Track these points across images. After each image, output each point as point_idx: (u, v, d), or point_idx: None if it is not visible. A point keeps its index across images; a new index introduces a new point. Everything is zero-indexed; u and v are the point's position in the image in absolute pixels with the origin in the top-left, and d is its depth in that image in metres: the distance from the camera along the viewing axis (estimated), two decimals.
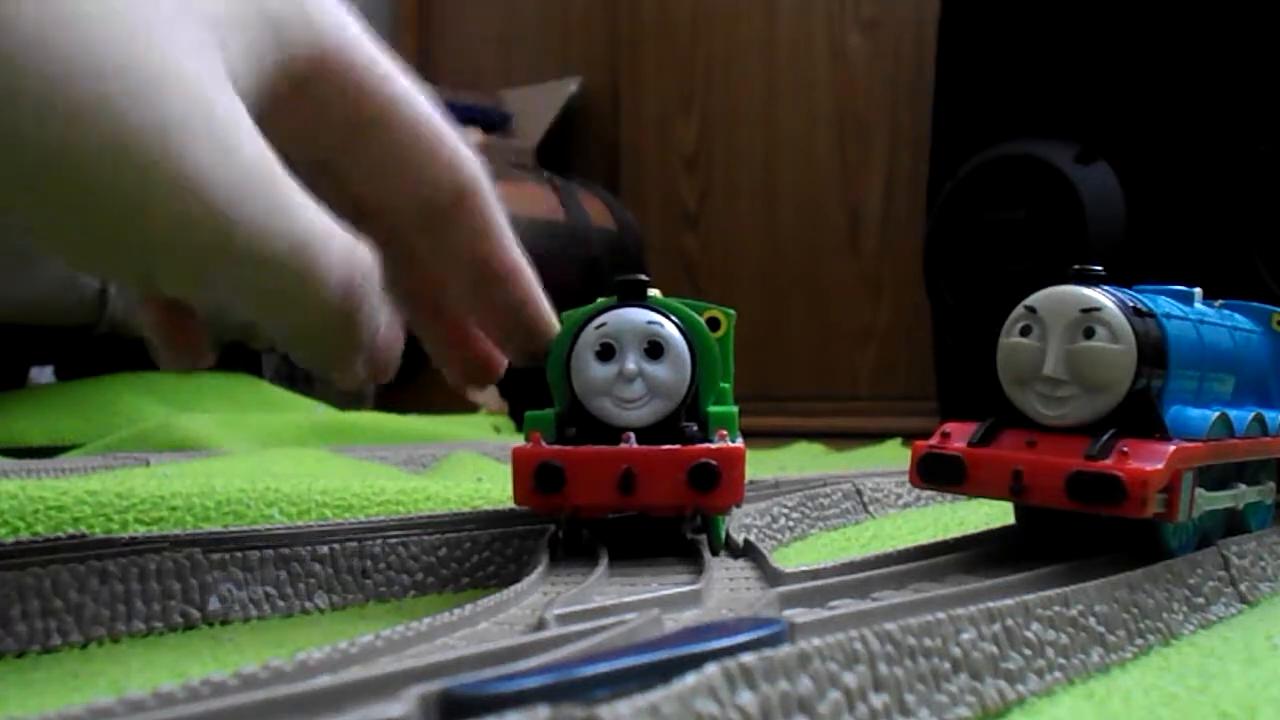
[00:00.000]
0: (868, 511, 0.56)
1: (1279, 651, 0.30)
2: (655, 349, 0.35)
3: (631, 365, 0.35)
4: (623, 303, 0.36)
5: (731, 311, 0.41)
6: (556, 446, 0.35)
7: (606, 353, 0.35)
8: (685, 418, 0.36)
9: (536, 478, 0.34)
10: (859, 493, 0.56)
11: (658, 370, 0.35)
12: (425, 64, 2.38)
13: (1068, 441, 0.33)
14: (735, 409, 0.38)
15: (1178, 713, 0.25)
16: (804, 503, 0.51)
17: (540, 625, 0.26)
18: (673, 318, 0.36)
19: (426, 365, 0.40)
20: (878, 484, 0.58)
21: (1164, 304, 0.36)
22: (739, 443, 0.35)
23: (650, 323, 0.36)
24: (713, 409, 0.37)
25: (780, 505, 0.50)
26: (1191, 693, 0.26)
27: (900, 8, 1.66)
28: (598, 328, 0.35)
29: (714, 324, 0.39)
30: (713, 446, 0.35)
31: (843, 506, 0.55)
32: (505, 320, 0.36)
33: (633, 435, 0.35)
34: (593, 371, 0.35)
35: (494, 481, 0.59)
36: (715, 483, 0.34)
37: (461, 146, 0.35)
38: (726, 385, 0.39)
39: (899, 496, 0.59)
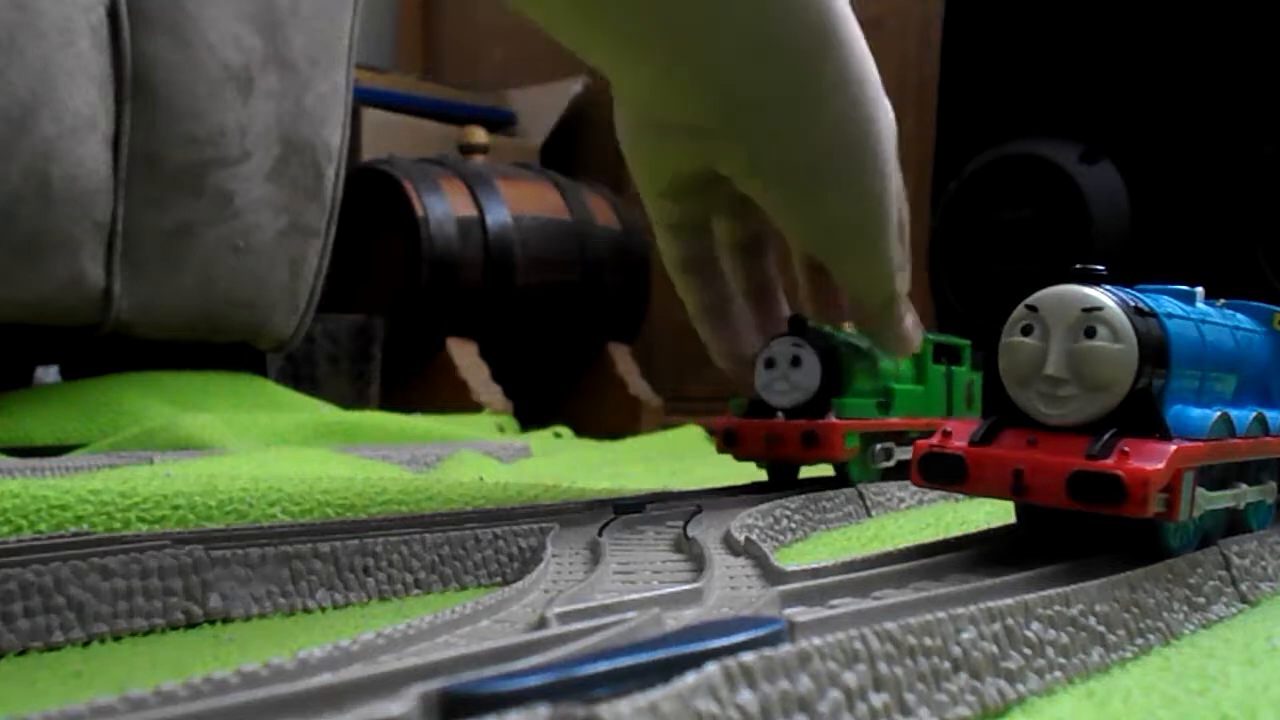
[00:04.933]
0: (870, 515, 0.56)
1: (1279, 653, 0.30)
2: (796, 361, 0.55)
3: (779, 372, 0.55)
4: (789, 333, 0.56)
5: (964, 342, 0.68)
6: (739, 419, 0.56)
7: (769, 364, 0.55)
8: (816, 403, 0.55)
9: (722, 437, 0.55)
10: (861, 497, 0.56)
11: (797, 374, 0.55)
12: (431, 64, 2.38)
13: (1069, 441, 0.33)
14: (866, 401, 0.57)
15: (1178, 715, 0.25)
16: (806, 505, 0.51)
17: (541, 623, 0.26)
18: (812, 344, 0.55)
19: (431, 365, 0.42)
20: (880, 487, 0.58)
21: (1166, 303, 0.36)
22: (840, 420, 0.54)
23: (794, 344, 0.55)
24: (844, 400, 0.55)
25: (783, 508, 0.50)
26: (1191, 695, 0.26)
27: (905, 7, 1.66)
28: (768, 349, 0.56)
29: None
30: (818, 421, 0.54)
31: (845, 510, 0.55)
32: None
33: (781, 413, 0.55)
34: (762, 374, 0.55)
35: (497, 480, 0.59)
36: (817, 443, 0.54)
37: None
38: (898, 386, 0.60)
39: (902, 500, 0.59)
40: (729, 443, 0.55)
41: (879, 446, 0.58)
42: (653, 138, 0.50)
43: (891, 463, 0.59)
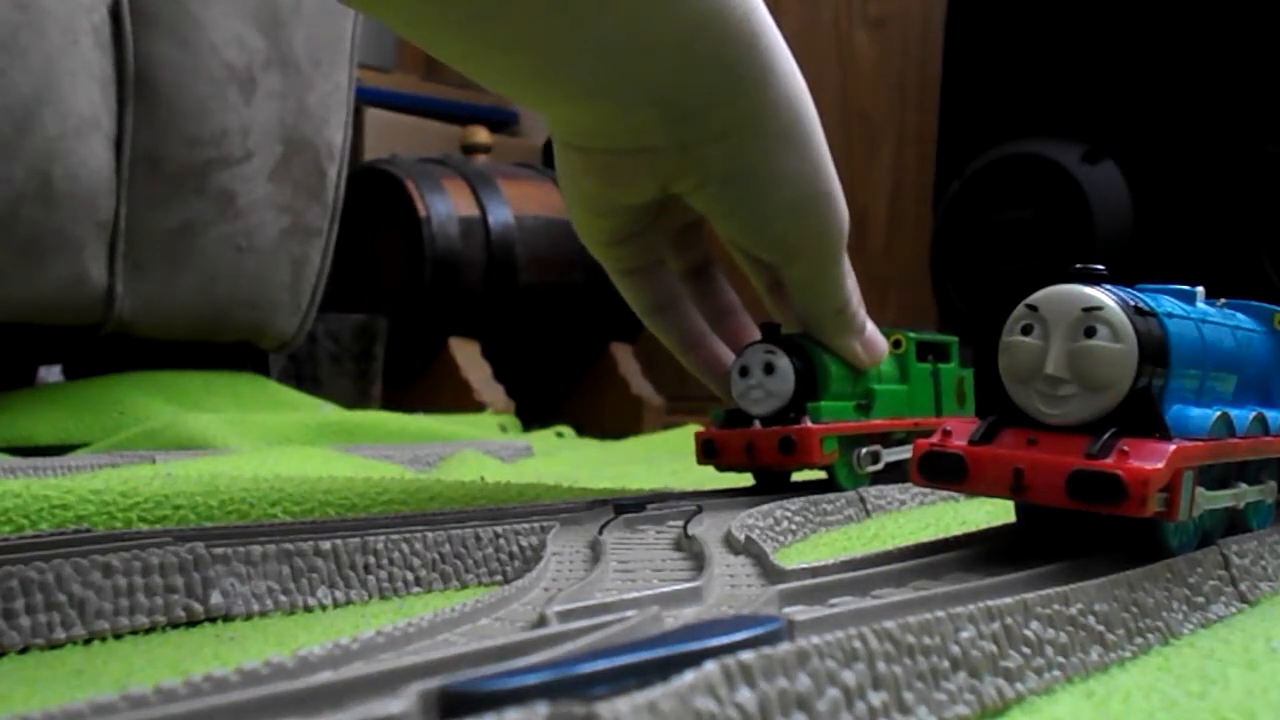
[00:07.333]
0: (870, 515, 0.56)
1: (1278, 655, 0.30)
2: (770, 368, 0.54)
3: (754, 380, 0.54)
4: (761, 340, 0.55)
5: (952, 339, 0.66)
6: (717, 429, 0.55)
7: (744, 372, 0.54)
8: (792, 408, 0.53)
9: (702, 448, 0.55)
10: (862, 500, 0.56)
11: (771, 381, 0.54)
12: (433, 63, 2.38)
13: (1069, 440, 0.33)
14: (844, 403, 0.56)
15: (1177, 718, 0.25)
16: (807, 507, 0.52)
17: (541, 622, 0.26)
18: (786, 350, 0.54)
19: (433, 365, 0.42)
20: (881, 490, 0.58)
21: (1166, 303, 0.36)
22: (817, 424, 0.53)
23: (767, 352, 0.54)
24: (820, 404, 0.54)
25: (783, 509, 0.50)
26: (1191, 697, 0.26)
27: (907, 6, 1.66)
28: (741, 357, 0.55)
29: (897, 344, 0.61)
30: (793, 427, 0.53)
31: (845, 514, 0.55)
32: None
33: (758, 421, 0.54)
34: (738, 383, 0.54)
35: (498, 480, 0.59)
36: (794, 449, 0.52)
37: None
38: (880, 387, 0.58)
39: (903, 503, 0.59)
40: (709, 454, 0.54)
41: (864, 450, 0.56)
42: (603, 173, 0.50)
43: (879, 466, 0.58)
